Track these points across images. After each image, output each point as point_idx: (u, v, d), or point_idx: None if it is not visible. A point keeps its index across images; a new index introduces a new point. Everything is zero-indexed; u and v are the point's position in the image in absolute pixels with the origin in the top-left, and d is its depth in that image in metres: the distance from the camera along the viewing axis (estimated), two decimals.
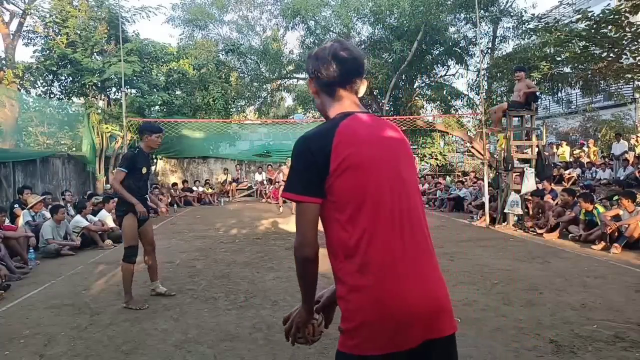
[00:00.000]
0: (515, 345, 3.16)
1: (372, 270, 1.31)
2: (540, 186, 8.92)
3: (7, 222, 6.78)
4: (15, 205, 7.87)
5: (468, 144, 17.91)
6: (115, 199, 9.07)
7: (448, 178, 18.53)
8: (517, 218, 8.60)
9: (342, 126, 1.37)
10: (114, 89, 13.45)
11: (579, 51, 12.41)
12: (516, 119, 9.03)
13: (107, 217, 8.19)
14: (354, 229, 1.35)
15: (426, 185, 15.20)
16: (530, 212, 8.40)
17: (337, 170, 1.31)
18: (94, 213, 8.27)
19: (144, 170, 4.27)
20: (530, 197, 8.60)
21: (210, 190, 16.10)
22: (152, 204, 4.75)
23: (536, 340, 3.22)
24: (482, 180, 9.50)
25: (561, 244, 7.00)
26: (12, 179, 10.10)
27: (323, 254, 1.45)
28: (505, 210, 8.71)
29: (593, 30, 11.21)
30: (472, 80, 21.45)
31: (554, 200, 8.63)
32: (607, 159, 13.97)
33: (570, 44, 12.77)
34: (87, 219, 7.59)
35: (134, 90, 13.82)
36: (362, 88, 1.50)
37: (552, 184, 9.65)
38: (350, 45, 1.47)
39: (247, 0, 22.57)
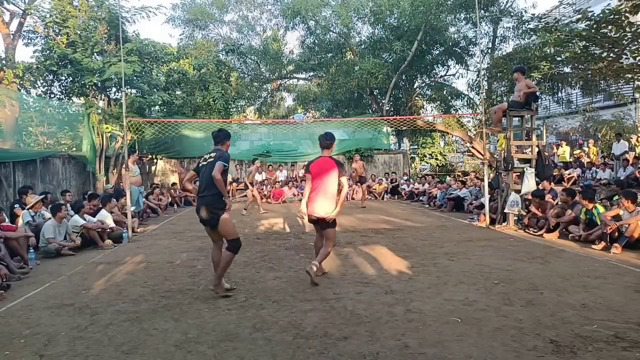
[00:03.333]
0: (515, 345, 3.16)
1: (310, 200, 5.03)
2: (539, 186, 8.92)
3: (7, 221, 6.78)
4: (15, 205, 7.88)
5: (468, 144, 17.93)
6: (114, 199, 9.14)
7: (448, 178, 18.53)
8: (517, 218, 8.60)
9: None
10: (114, 89, 13.44)
11: (579, 51, 12.42)
12: (516, 119, 9.02)
13: (107, 217, 8.19)
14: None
15: (426, 185, 15.21)
16: (536, 212, 8.36)
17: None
18: (94, 214, 8.26)
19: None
20: (530, 198, 8.60)
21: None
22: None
23: (536, 340, 3.22)
24: (482, 180, 9.50)
25: (561, 244, 7.00)
26: (12, 179, 10.10)
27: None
28: (505, 210, 8.71)
29: (593, 30, 11.22)
30: (472, 80, 21.53)
31: (554, 200, 8.62)
32: (607, 159, 13.97)
33: (570, 44, 12.78)
34: (84, 219, 7.58)
35: (134, 90, 13.82)
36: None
37: (552, 184, 9.64)
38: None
39: (247, 0, 22.56)
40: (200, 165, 4.54)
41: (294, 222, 10.14)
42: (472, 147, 17.27)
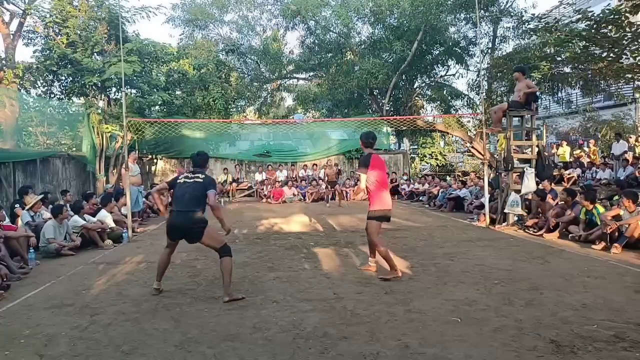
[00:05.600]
0: (515, 345, 3.16)
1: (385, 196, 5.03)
2: (540, 186, 8.92)
3: (7, 221, 6.78)
4: (15, 205, 7.87)
5: (468, 144, 17.91)
6: (114, 199, 9.13)
7: (448, 178, 18.54)
8: (517, 218, 8.60)
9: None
10: (114, 89, 13.44)
11: (579, 51, 12.42)
12: (516, 119, 9.02)
13: (106, 217, 8.18)
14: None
15: (426, 185, 15.20)
16: (532, 210, 8.38)
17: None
18: (94, 214, 8.26)
19: None
20: (531, 197, 8.61)
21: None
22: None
23: (536, 340, 3.22)
24: (482, 179, 9.50)
25: (561, 244, 7.00)
26: (12, 179, 10.11)
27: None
28: (505, 210, 8.71)
29: (593, 30, 11.22)
30: (472, 80, 21.49)
31: (554, 200, 8.62)
32: (607, 159, 13.97)
33: (570, 44, 12.78)
34: (84, 219, 7.57)
35: (134, 90, 13.82)
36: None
37: (553, 184, 9.64)
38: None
39: (247, 0, 22.56)
40: (180, 181, 4.55)
41: (293, 222, 10.14)
42: (472, 147, 17.24)
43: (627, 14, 10.46)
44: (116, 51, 12.22)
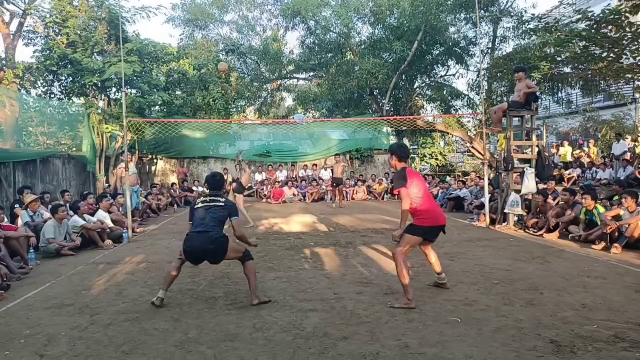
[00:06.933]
0: (515, 345, 3.16)
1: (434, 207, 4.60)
2: (543, 186, 8.93)
3: (6, 221, 6.78)
4: (15, 205, 7.88)
5: (468, 144, 17.90)
6: (108, 198, 9.09)
7: (448, 178, 18.53)
8: (517, 218, 8.60)
9: None
10: (114, 89, 13.44)
11: (579, 51, 12.41)
12: (516, 119, 9.02)
13: (106, 217, 8.19)
14: None
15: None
16: (532, 210, 8.38)
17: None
18: (93, 214, 8.25)
19: None
20: (531, 197, 8.61)
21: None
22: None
23: (536, 340, 3.22)
24: (482, 180, 9.51)
25: (561, 244, 7.00)
26: (12, 179, 10.11)
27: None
28: (505, 210, 8.71)
29: (593, 30, 11.22)
30: (472, 80, 21.48)
31: (554, 200, 8.62)
32: (607, 159, 13.96)
33: (570, 44, 12.77)
34: (84, 219, 7.57)
35: (134, 90, 13.81)
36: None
37: (553, 184, 9.64)
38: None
39: (247, 0, 22.55)
40: (199, 206, 4.35)
41: (293, 222, 10.14)
42: (472, 147, 17.24)
43: (627, 14, 10.45)
44: (116, 51, 12.21)
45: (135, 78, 13.03)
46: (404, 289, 4.09)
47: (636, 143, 14.21)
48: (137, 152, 14.67)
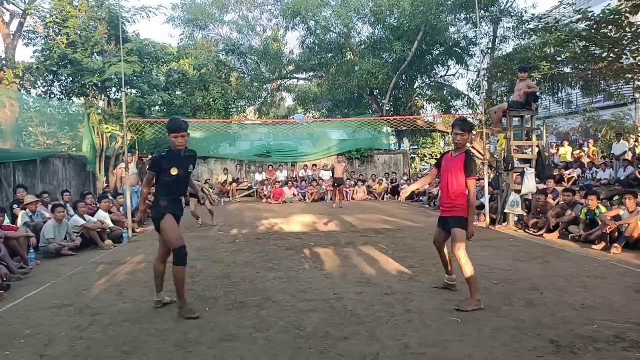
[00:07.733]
0: (515, 345, 3.16)
1: None
2: (543, 186, 8.92)
3: (7, 222, 6.78)
4: (14, 205, 7.88)
5: (468, 144, 17.91)
6: (108, 199, 9.11)
7: None
8: (517, 218, 8.60)
9: None
10: (114, 89, 13.46)
11: (579, 51, 12.41)
12: (516, 119, 9.02)
13: (106, 217, 8.18)
14: None
15: (426, 186, 15.19)
16: (532, 210, 8.38)
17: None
18: (93, 214, 8.25)
19: (174, 172, 4.08)
20: (532, 197, 8.61)
21: (210, 190, 16.08)
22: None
23: (536, 340, 3.22)
24: (482, 180, 9.51)
25: (561, 244, 7.00)
26: (12, 179, 10.12)
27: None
28: (505, 210, 8.71)
29: (593, 30, 11.21)
30: (472, 80, 21.49)
31: (554, 200, 8.62)
32: (607, 159, 13.96)
33: (570, 44, 12.77)
34: (84, 219, 7.57)
35: (134, 90, 13.82)
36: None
37: (553, 184, 9.64)
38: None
39: (247, 0, 22.56)
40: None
41: (294, 222, 10.14)
42: (472, 147, 17.25)
43: (627, 14, 10.45)
44: (116, 51, 12.22)
45: (135, 78, 13.04)
46: (474, 288, 3.93)
47: (637, 143, 14.22)
48: (137, 152, 14.67)
